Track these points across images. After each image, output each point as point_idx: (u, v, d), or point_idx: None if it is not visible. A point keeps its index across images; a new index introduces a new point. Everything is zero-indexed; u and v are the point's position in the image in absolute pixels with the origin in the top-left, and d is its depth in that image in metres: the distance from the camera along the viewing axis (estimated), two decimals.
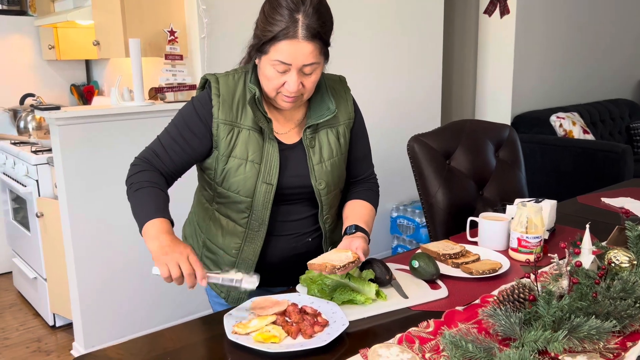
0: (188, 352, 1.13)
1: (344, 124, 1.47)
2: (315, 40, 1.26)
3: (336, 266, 1.22)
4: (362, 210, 1.47)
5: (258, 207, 1.39)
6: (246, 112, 1.36)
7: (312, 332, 1.14)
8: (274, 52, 1.26)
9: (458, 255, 1.53)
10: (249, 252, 1.43)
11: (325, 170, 1.42)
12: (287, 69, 1.27)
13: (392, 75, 3.55)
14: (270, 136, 1.37)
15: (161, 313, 2.78)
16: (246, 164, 1.36)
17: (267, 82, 1.31)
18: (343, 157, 1.48)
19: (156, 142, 1.41)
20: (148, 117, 2.60)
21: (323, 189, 1.43)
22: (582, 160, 3.73)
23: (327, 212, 1.47)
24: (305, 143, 1.41)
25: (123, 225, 2.61)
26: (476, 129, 2.21)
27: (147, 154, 1.40)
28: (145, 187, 1.32)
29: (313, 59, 1.27)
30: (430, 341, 1.11)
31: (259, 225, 1.41)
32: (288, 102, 1.33)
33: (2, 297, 3.38)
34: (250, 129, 1.36)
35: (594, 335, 1.03)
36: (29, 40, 3.70)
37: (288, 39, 1.24)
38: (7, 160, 3.21)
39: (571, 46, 4.79)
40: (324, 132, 1.44)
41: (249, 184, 1.36)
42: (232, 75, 1.40)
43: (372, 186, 1.57)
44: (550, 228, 1.75)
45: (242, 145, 1.36)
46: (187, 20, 2.74)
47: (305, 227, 1.47)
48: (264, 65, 1.30)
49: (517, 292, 1.13)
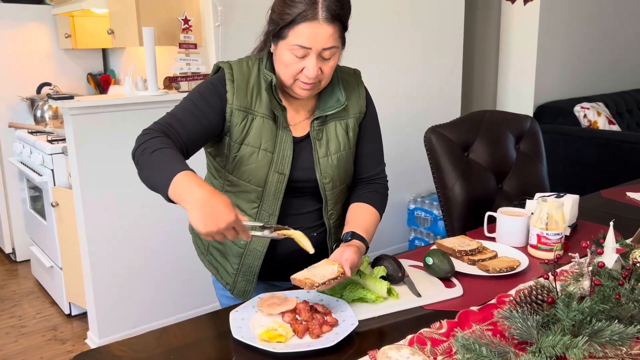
0: (192, 349, 1.10)
1: (354, 117, 1.42)
2: (335, 23, 1.23)
3: (315, 283, 1.15)
4: (363, 215, 1.40)
5: (269, 197, 1.35)
6: (261, 99, 1.33)
7: (320, 332, 1.10)
8: (292, 36, 1.22)
9: (474, 252, 1.48)
10: (258, 243, 1.39)
11: (331, 164, 1.38)
12: (306, 54, 1.24)
13: (412, 65, 3.47)
14: (284, 125, 1.34)
15: (175, 303, 2.78)
16: (259, 152, 1.32)
17: (285, 68, 1.27)
18: (351, 152, 1.43)
19: (167, 116, 1.29)
20: (162, 107, 2.58)
21: (328, 183, 1.38)
22: (607, 152, 3.62)
23: (332, 208, 1.42)
24: (312, 135, 1.37)
25: (137, 216, 2.60)
26: (496, 120, 2.14)
27: (157, 125, 1.25)
28: (161, 148, 1.17)
29: (333, 42, 1.24)
30: (443, 343, 1.07)
31: (269, 216, 1.37)
32: (306, 89, 1.29)
33: (20, 284, 3.41)
34: (264, 116, 1.33)
35: (616, 340, 0.97)
36: (46, 29, 3.71)
37: (308, 21, 1.20)
38: (24, 149, 3.22)
39: (596, 34, 4.65)
40: (333, 124, 1.39)
41: (261, 173, 1.33)
42: (246, 62, 1.36)
43: (379, 187, 1.48)
44: (571, 224, 1.68)
45: (255, 133, 1.32)
46: (201, 9, 2.70)
47: (310, 222, 1.43)
48: (281, 51, 1.26)
49: (535, 294, 1.07)
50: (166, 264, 2.72)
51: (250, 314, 1.18)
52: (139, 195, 2.59)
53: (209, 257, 1.51)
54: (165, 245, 2.70)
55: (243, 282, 1.44)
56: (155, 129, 1.24)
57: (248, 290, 1.44)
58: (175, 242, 2.72)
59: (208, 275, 2.80)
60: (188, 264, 2.78)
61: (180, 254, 2.75)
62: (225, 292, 1.51)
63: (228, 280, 1.46)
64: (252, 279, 1.43)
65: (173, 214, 2.69)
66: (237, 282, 1.44)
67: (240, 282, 1.44)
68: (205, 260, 1.53)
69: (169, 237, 2.70)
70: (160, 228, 2.67)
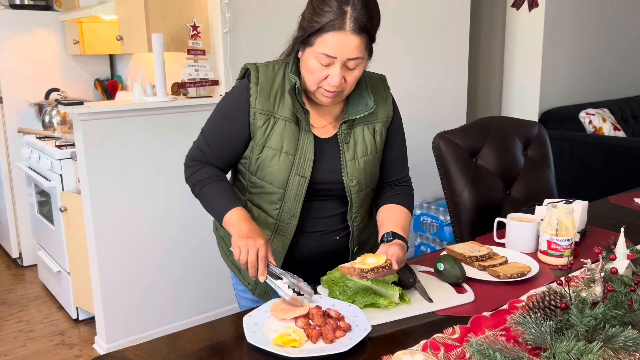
0: (206, 354, 1.11)
1: (382, 121, 1.44)
2: (362, 34, 1.25)
3: (364, 269, 1.18)
4: (398, 215, 1.42)
5: (290, 199, 1.37)
6: (284, 103, 1.35)
7: (334, 337, 1.11)
8: (319, 44, 1.25)
9: (485, 258, 1.48)
10: (279, 244, 1.42)
11: (358, 167, 1.40)
12: (331, 62, 1.26)
13: (417, 70, 3.48)
14: (307, 128, 1.36)
15: (183, 308, 2.78)
16: (280, 155, 1.35)
17: (310, 75, 1.30)
18: (377, 156, 1.45)
19: (201, 139, 1.44)
20: (170, 113, 2.60)
21: (354, 186, 1.40)
22: (613, 158, 3.62)
23: (356, 211, 1.43)
24: (340, 138, 1.39)
25: (145, 221, 2.61)
26: (504, 126, 2.15)
27: (194, 153, 1.44)
28: (209, 183, 1.38)
29: (358, 53, 1.26)
30: (456, 348, 1.07)
31: (290, 217, 1.39)
32: (328, 97, 1.32)
33: (27, 289, 3.42)
34: (286, 120, 1.35)
35: (630, 346, 0.97)
36: (54, 35, 3.73)
37: (335, 31, 1.22)
38: (33, 154, 3.24)
39: (601, 40, 4.66)
40: (360, 128, 1.41)
41: (282, 175, 1.35)
42: (273, 66, 1.39)
43: (407, 189, 1.52)
44: (581, 230, 1.69)
45: (277, 136, 1.35)
46: (210, 15, 2.72)
47: (334, 225, 1.45)
48: (307, 58, 1.29)
49: (547, 299, 1.08)
50: (174, 269, 2.73)
51: (264, 318, 1.19)
52: (147, 201, 2.60)
53: (232, 257, 1.53)
54: (174, 250, 2.71)
55: (262, 284, 1.45)
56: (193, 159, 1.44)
57: (268, 291, 1.46)
58: (183, 247, 2.73)
59: (216, 280, 2.82)
60: (196, 268, 2.79)
61: (189, 259, 2.76)
62: (245, 293, 1.53)
63: (250, 280, 1.49)
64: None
65: (181, 219, 2.71)
66: (258, 282, 1.46)
67: (261, 284, 1.46)
68: (228, 260, 1.56)
69: (177, 242, 2.71)
70: (169, 233, 2.68)
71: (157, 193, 2.62)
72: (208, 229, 2.78)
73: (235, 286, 1.58)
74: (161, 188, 2.63)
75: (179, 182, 2.67)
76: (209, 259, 2.81)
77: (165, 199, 2.65)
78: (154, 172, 2.60)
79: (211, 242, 2.79)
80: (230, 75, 2.71)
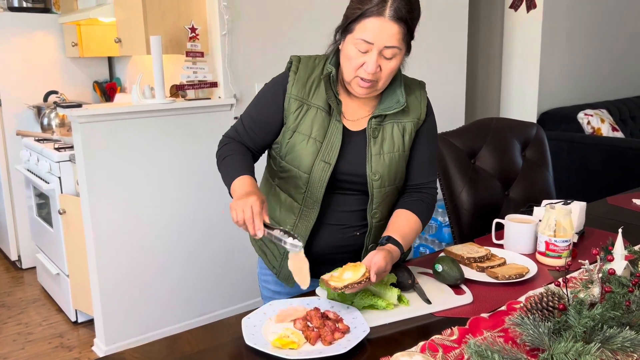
0: (205, 356, 1.11)
1: (412, 122, 1.45)
2: (401, 23, 1.27)
3: (337, 287, 1.18)
4: (404, 221, 1.41)
5: (315, 183, 1.40)
6: (319, 92, 1.40)
7: (332, 339, 1.11)
8: (359, 30, 1.28)
9: (483, 259, 1.48)
10: (302, 228, 1.44)
11: (383, 162, 1.41)
12: (369, 49, 1.29)
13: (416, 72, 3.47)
14: (337, 118, 1.39)
15: (182, 310, 2.78)
16: (308, 140, 1.39)
17: (347, 62, 1.33)
18: (404, 155, 1.44)
19: (239, 122, 1.50)
20: (169, 115, 2.60)
21: (377, 180, 1.40)
22: (612, 159, 3.62)
23: (376, 207, 1.43)
24: (369, 132, 1.41)
25: (144, 223, 2.61)
26: (502, 127, 2.15)
27: (231, 132, 1.51)
28: (230, 154, 1.43)
29: (395, 41, 1.28)
30: (455, 350, 1.07)
31: (313, 203, 1.42)
32: (363, 87, 1.34)
33: (26, 292, 3.42)
34: (319, 108, 1.39)
35: (628, 347, 0.98)
36: (53, 38, 3.73)
37: (374, 16, 1.26)
38: (31, 157, 3.24)
39: (599, 41, 4.66)
40: (390, 125, 1.42)
41: (308, 160, 1.39)
42: (314, 59, 1.44)
43: (425, 197, 1.48)
44: (579, 231, 1.69)
45: (308, 122, 1.39)
46: (208, 17, 2.72)
47: (354, 221, 1.46)
48: (346, 46, 1.32)
49: (545, 300, 1.08)
50: (173, 271, 2.73)
51: (262, 320, 1.19)
52: (146, 203, 2.60)
53: (259, 242, 1.58)
54: (172, 252, 2.71)
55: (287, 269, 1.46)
56: (228, 137, 1.50)
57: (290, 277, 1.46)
58: (183, 249, 2.73)
59: (215, 283, 2.82)
60: (195, 271, 2.79)
61: (188, 261, 2.76)
62: (267, 284, 1.58)
63: (275, 264, 1.53)
64: None
65: (180, 221, 2.71)
66: (282, 266, 1.50)
67: (286, 267, 1.47)
68: (256, 245, 1.61)
69: (176, 244, 2.71)
70: (167, 235, 2.68)
71: (156, 195, 2.63)
72: (208, 231, 2.80)
73: (260, 276, 1.62)
74: (160, 190, 2.63)
75: (177, 184, 2.68)
76: (208, 260, 2.82)
77: (164, 201, 2.65)
78: (152, 174, 2.60)
79: (210, 244, 2.80)
80: (229, 77, 2.72)
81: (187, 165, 2.68)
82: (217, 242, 2.82)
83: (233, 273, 2.91)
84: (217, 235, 2.82)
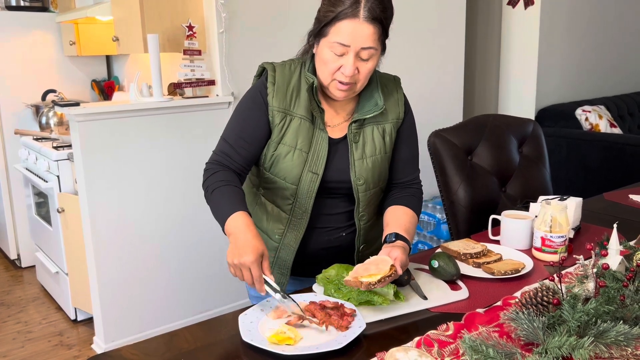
0: (202, 352, 1.12)
1: (392, 122, 1.45)
2: (376, 24, 1.26)
3: (371, 282, 1.19)
4: (403, 217, 1.42)
5: (302, 195, 1.40)
6: (299, 101, 1.38)
7: (348, 323, 1.13)
8: (333, 33, 1.27)
9: (479, 255, 1.49)
10: (291, 238, 1.44)
11: (366, 166, 1.41)
12: (345, 52, 1.28)
13: (413, 68, 3.49)
14: (321, 127, 1.39)
15: (181, 308, 2.79)
16: (294, 152, 1.37)
17: (324, 66, 1.32)
18: (387, 156, 1.46)
19: (222, 143, 1.42)
20: (167, 113, 2.60)
21: (361, 184, 1.42)
22: (609, 155, 3.63)
23: (363, 210, 1.45)
24: (350, 137, 1.41)
25: (142, 221, 2.62)
26: (499, 124, 2.15)
27: (216, 156, 1.41)
28: (219, 186, 1.34)
29: (371, 42, 1.27)
30: (450, 345, 1.08)
31: (302, 213, 1.42)
32: (341, 89, 1.33)
33: (26, 290, 3.43)
34: (302, 117, 1.38)
35: (621, 341, 0.98)
36: (51, 36, 3.73)
37: (349, 19, 1.25)
38: (30, 155, 3.24)
39: (597, 37, 4.67)
40: (370, 128, 1.43)
41: (295, 171, 1.38)
42: (289, 65, 1.41)
43: (415, 192, 1.51)
44: (575, 226, 1.69)
45: (292, 133, 1.37)
46: (206, 15, 2.72)
47: (340, 222, 1.47)
48: (321, 50, 1.31)
49: (540, 295, 1.09)
50: (172, 269, 2.73)
51: (259, 317, 1.20)
52: (144, 201, 2.61)
53: None
54: (171, 250, 2.72)
55: (278, 275, 1.49)
56: (214, 163, 1.40)
57: (283, 283, 1.49)
58: (181, 247, 2.74)
59: (213, 281, 2.82)
60: (194, 268, 2.79)
61: (186, 259, 2.77)
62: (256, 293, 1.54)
63: None
64: (287, 273, 1.49)
65: (179, 219, 2.71)
66: (273, 274, 1.48)
67: (276, 275, 1.48)
68: None
69: (174, 242, 2.72)
70: (166, 233, 2.69)
71: (154, 193, 2.63)
72: (205, 229, 2.80)
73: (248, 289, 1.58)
74: (158, 188, 2.64)
75: (175, 182, 2.68)
76: (206, 259, 2.82)
77: (162, 199, 2.65)
78: (151, 172, 2.61)
79: (208, 242, 2.81)
80: (227, 75, 2.72)
81: (185, 163, 2.69)
82: (215, 240, 2.82)
83: None
84: (215, 233, 2.82)
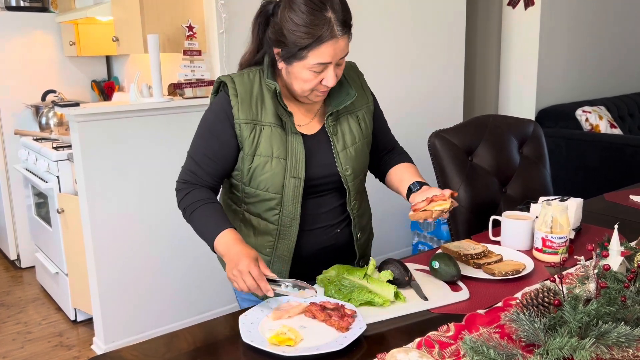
0: (202, 353, 1.11)
1: (363, 108, 1.49)
2: (348, 30, 1.29)
3: (444, 209, 1.29)
4: (411, 169, 1.53)
5: (288, 202, 1.38)
6: (265, 109, 1.36)
7: (348, 324, 1.12)
8: (313, 57, 1.26)
9: (480, 256, 1.49)
10: (283, 248, 1.43)
11: (350, 155, 1.43)
12: (326, 67, 1.29)
13: (413, 69, 3.49)
14: (293, 130, 1.37)
15: (181, 309, 2.79)
16: (272, 161, 1.35)
17: (303, 83, 1.32)
18: (366, 142, 1.49)
19: (189, 161, 1.41)
20: (167, 113, 2.60)
21: (350, 174, 1.43)
22: (610, 156, 3.63)
23: (354, 198, 1.47)
24: (329, 131, 1.42)
25: (142, 222, 2.61)
26: (499, 124, 2.15)
27: (185, 175, 1.41)
28: (198, 207, 1.35)
29: (347, 48, 1.30)
30: (451, 346, 1.08)
31: (291, 220, 1.40)
32: (321, 95, 1.36)
33: (25, 291, 3.42)
34: (271, 125, 1.36)
35: (623, 342, 0.98)
36: (51, 37, 3.73)
37: (328, 41, 1.25)
38: (30, 156, 3.24)
39: (598, 38, 4.66)
40: (345, 118, 1.44)
41: (277, 180, 1.36)
42: (247, 75, 1.39)
43: (402, 150, 1.64)
44: (576, 227, 1.69)
45: (265, 143, 1.35)
46: (206, 16, 2.72)
47: (334, 218, 1.47)
48: (298, 71, 1.30)
49: (541, 296, 1.08)
50: (172, 270, 2.73)
51: (260, 318, 1.19)
52: (144, 201, 2.61)
53: None
54: (171, 251, 2.71)
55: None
56: (184, 183, 1.40)
57: None
58: (180, 247, 2.73)
59: (213, 281, 2.82)
60: (193, 269, 2.79)
61: (186, 260, 2.76)
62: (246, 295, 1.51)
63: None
64: None
65: (178, 220, 2.70)
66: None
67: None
68: None
69: (174, 242, 2.71)
70: (166, 234, 2.68)
71: (154, 194, 2.63)
72: None
73: (236, 292, 1.57)
74: (158, 189, 2.63)
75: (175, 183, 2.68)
76: (206, 259, 2.82)
77: (162, 200, 2.65)
78: (150, 172, 2.60)
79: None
80: None
81: None
82: None
83: None
84: None
